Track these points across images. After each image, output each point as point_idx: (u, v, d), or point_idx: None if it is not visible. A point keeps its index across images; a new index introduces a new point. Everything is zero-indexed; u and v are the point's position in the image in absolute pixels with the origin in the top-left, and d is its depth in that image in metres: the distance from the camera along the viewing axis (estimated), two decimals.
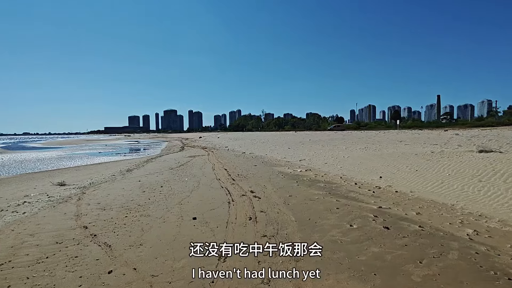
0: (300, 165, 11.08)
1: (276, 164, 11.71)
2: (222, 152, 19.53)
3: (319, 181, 7.84)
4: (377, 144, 14.05)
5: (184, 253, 3.45)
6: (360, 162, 10.05)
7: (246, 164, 12.30)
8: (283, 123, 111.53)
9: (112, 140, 67.69)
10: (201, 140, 40.69)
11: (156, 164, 14.24)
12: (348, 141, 16.73)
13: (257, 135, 38.80)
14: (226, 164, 12.58)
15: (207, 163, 13.44)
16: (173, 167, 12.71)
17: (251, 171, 10.22)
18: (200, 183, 8.34)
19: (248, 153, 17.57)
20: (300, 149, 16.58)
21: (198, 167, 12.11)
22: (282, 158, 13.69)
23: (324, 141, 18.60)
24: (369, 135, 20.02)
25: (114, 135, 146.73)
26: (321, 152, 13.92)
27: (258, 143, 23.99)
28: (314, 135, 27.15)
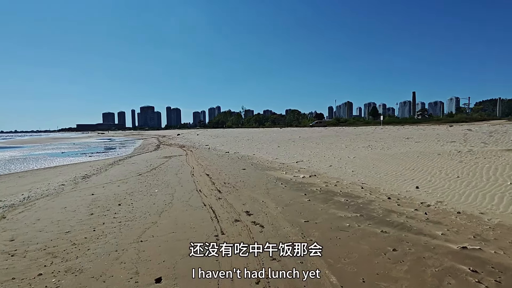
0: (299, 168, 9.13)
1: (270, 168, 9.69)
2: (203, 151, 17.25)
3: (334, 192, 5.90)
4: (381, 142, 12.43)
5: None
6: (373, 165, 8.25)
7: (232, 167, 10.19)
8: (263, 120, 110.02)
9: (83, 138, 62.95)
10: (179, 138, 37.94)
11: (122, 168, 11.82)
12: (344, 138, 15.06)
13: (240, 132, 36.58)
14: (208, 168, 10.41)
15: (185, 166, 11.20)
16: (143, 171, 10.39)
17: (240, 178, 8.14)
18: (174, 198, 6.15)
19: (232, 152, 15.43)
20: (292, 147, 14.68)
21: (174, 172, 9.86)
22: (274, 159, 11.70)
23: (316, 138, 16.85)
24: (365, 131, 18.51)
25: (86, 133, 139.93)
26: (318, 152, 12.08)
27: (242, 140, 21.87)
28: (302, 132, 25.38)
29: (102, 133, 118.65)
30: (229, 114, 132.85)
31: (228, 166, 10.70)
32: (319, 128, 29.59)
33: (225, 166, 10.73)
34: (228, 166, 10.70)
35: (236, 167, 10.34)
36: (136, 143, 36.83)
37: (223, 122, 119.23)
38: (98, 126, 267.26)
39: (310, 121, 78.94)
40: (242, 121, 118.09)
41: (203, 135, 37.15)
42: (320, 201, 5.35)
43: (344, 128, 26.56)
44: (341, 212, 4.60)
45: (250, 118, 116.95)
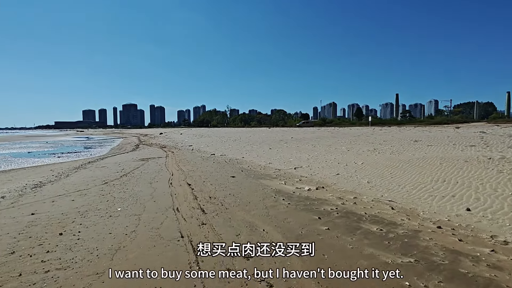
0: (299, 176, 7.65)
1: (264, 175, 8.16)
2: (185, 153, 15.50)
3: (358, 215, 4.44)
4: (387, 145, 11.18)
5: None
6: (390, 174, 6.89)
7: (219, 174, 8.59)
8: (249, 119, 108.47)
9: (59, 136, 59.12)
10: (161, 137, 35.75)
11: (88, 173, 9.98)
12: (343, 140, 13.75)
13: (226, 132, 34.80)
14: (190, 174, 8.76)
15: (163, 172, 9.50)
16: (111, 179, 8.63)
17: (229, 189, 6.56)
18: (140, 222, 4.51)
19: (218, 155, 13.79)
20: (286, 150, 13.22)
21: (148, 180, 8.15)
22: (267, 163, 10.18)
23: (311, 140, 15.47)
24: (363, 132, 17.27)
25: (64, 131, 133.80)
26: (317, 155, 10.66)
27: (229, 141, 20.22)
28: (293, 132, 23.97)
29: (82, 131, 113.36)
30: (214, 113, 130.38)
31: (214, 172, 9.08)
32: (312, 129, 28.36)
33: (210, 172, 9.10)
34: (214, 172, 9.08)
35: (224, 173, 8.74)
36: (114, 142, 34.43)
37: (208, 121, 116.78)
38: (78, 123, 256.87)
39: (296, 121, 78.23)
40: (227, 120, 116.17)
41: (187, 135, 35.16)
42: (343, 230, 3.86)
43: (338, 128, 25.39)
44: (383, 254, 3.12)
45: (236, 118, 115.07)
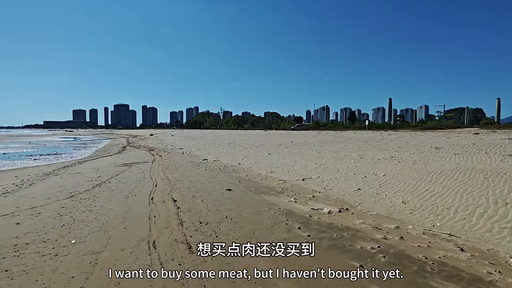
0: (311, 191, 6.26)
1: (267, 188, 6.74)
2: (175, 157, 13.97)
3: (418, 262, 3.06)
4: (405, 152, 9.88)
5: None
6: (427, 191, 5.54)
7: (212, 186, 7.14)
8: (243, 122, 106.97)
9: (45, 136, 56.46)
10: (151, 139, 34.01)
11: (57, 181, 8.46)
12: (350, 146, 12.41)
13: (219, 134, 33.22)
14: (177, 185, 7.29)
15: (145, 181, 8.00)
16: (81, 189, 7.13)
17: (226, 209, 5.12)
18: (95, 268, 3.03)
19: (211, 160, 12.31)
20: (287, 155, 11.83)
21: (125, 192, 6.66)
22: (268, 172, 8.77)
23: (314, 144, 14.12)
24: (371, 137, 15.92)
25: (53, 130, 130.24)
26: (325, 163, 9.30)
27: (223, 144, 18.73)
28: (292, 136, 22.53)
29: (71, 131, 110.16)
30: (207, 114, 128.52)
31: (207, 182, 7.62)
32: (311, 132, 27.07)
33: (202, 182, 7.64)
34: (206, 182, 7.62)
35: (218, 184, 7.29)
36: (101, 143, 32.58)
37: (201, 123, 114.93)
38: (68, 123, 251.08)
39: (290, 124, 77.28)
40: (220, 122, 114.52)
41: (178, 136, 33.49)
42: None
43: (341, 132, 24.09)
44: None
45: (229, 120, 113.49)
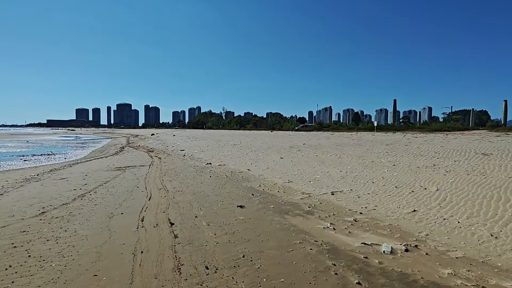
0: (347, 210, 4.83)
1: (290, 205, 5.31)
2: (175, 160, 12.58)
3: None
4: (446, 159, 8.36)
5: None
6: None
7: (219, 200, 5.72)
8: (245, 122, 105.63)
9: (45, 135, 55.35)
10: (152, 139, 32.67)
11: (35, 189, 7.19)
12: (374, 150, 10.90)
13: (223, 134, 31.77)
14: (176, 198, 5.88)
15: (138, 191, 6.61)
16: (58, 202, 5.83)
17: (241, 241, 3.71)
18: None
19: (216, 164, 10.91)
20: (303, 160, 10.39)
21: (111, 208, 5.29)
22: (285, 181, 7.34)
23: (330, 147, 12.65)
24: (395, 140, 14.31)
25: (56, 129, 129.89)
26: (351, 170, 7.85)
27: (228, 146, 17.31)
28: (302, 137, 20.96)
29: (73, 129, 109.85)
30: (209, 114, 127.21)
31: (212, 195, 6.20)
32: (322, 133, 25.58)
33: (206, 195, 6.22)
34: (211, 195, 6.20)
35: (226, 198, 5.87)
36: (100, 143, 31.35)
37: (203, 123, 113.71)
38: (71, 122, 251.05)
39: (292, 125, 76.05)
40: (223, 122, 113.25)
41: (180, 137, 32.11)
42: None
43: (356, 134, 22.53)
44: None
45: (231, 120, 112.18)
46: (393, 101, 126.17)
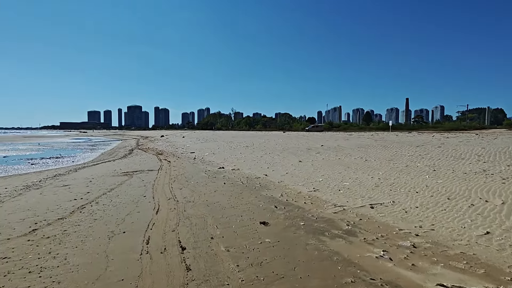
0: (396, 229, 3.92)
1: (322, 221, 4.43)
2: (185, 163, 11.83)
3: None
4: (497, 164, 7.24)
5: None
6: None
7: (238, 216, 4.87)
8: (254, 122, 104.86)
9: (57, 137, 55.84)
10: (162, 140, 32.20)
11: (32, 199, 6.57)
12: (405, 152, 9.86)
13: (233, 135, 30.99)
14: (187, 210, 5.06)
15: (145, 202, 5.83)
16: (52, 218, 5.08)
17: (273, 278, 2.82)
18: None
19: (229, 168, 10.09)
20: (324, 164, 9.46)
21: (112, 225, 4.52)
22: (310, 190, 6.44)
23: (352, 149, 11.66)
24: (424, 140, 13.04)
25: (68, 131, 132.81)
26: (384, 176, 6.90)
27: (240, 147, 16.48)
28: (318, 138, 19.89)
29: (84, 131, 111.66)
30: (218, 115, 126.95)
31: (229, 207, 5.36)
32: (341, 134, 24.51)
33: (222, 207, 5.38)
34: (228, 207, 5.36)
35: (246, 211, 5.03)
36: (110, 145, 31.11)
37: (213, 124, 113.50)
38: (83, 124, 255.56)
39: (302, 125, 75.20)
40: (232, 123, 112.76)
41: (190, 138, 31.52)
42: None
43: (378, 134, 21.34)
44: None
45: (240, 121, 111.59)
46: (405, 100, 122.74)
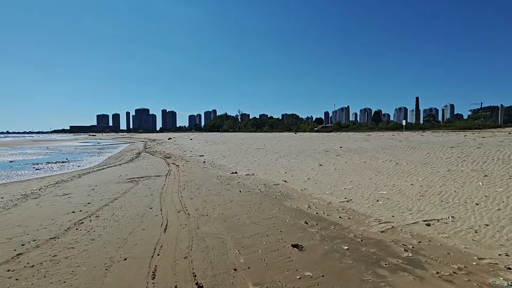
0: (477, 259, 3.02)
1: (371, 244, 3.54)
2: (194, 167, 11.04)
3: None
4: None
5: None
6: None
7: (262, 235, 4.00)
8: (261, 124, 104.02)
9: (66, 141, 56.00)
10: (169, 143, 31.61)
11: (26, 212, 5.82)
12: (440, 154, 8.80)
13: (242, 137, 30.17)
14: (200, 228, 4.20)
15: (151, 215, 5.02)
16: (43, 237, 4.30)
17: None
18: None
19: (243, 173, 9.24)
20: (348, 168, 8.54)
21: (111, 249, 3.70)
22: (342, 200, 5.55)
23: (376, 151, 10.68)
24: (458, 141, 11.88)
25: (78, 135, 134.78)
26: (425, 183, 5.96)
27: (251, 150, 15.63)
28: (335, 140, 18.81)
29: (94, 135, 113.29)
30: (225, 117, 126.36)
31: (250, 223, 4.50)
32: (359, 135, 23.47)
33: (241, 223, 4.53)
34: (248, 223, 4.50)
35: (272, 229, 4.16)
36: (118, 148, 30.77)
37: (219, 126, 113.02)
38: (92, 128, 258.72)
39: (309, 126, 74.48)
40: (239, 125, 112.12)
41: (198, 140, 30.84)
42: None
43: (400, 134, 20.23)
44: None
45: (247, 122, 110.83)
46: (415, 98, 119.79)
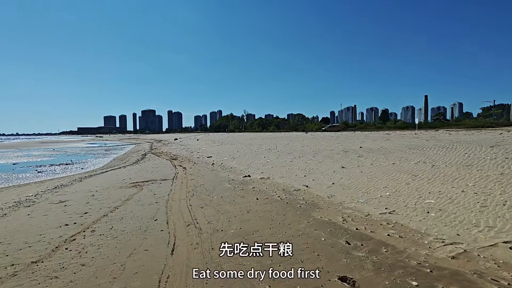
0: None
1: (445, 277, 2.65)
2: (203, 170, 10.22)
3: None
4: None
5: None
6: None
7: (298, 261, 3.12)
8: (267, 124, 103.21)
9: (73, 142, 55.98)
10: (176, 144, 30.94)
11: (13, 224, 4.97)
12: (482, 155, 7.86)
13: (251, 137, 29.27)
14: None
15: (155, 230, 4.16)
16: (23, 261, 3.42)
17: None
18: None
19: (257, 177, 8.37)
20: (375, 170, 7.62)
21: (105, 279, 2.81)
22: (382, 211, 4.65)
23: (403, 152, 9.68)
24: (494, 140, 10.98)
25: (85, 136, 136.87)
26: (480, 191, 5.04)
27: (262, 150, 14.76)
28: (350, 139, 17.76)
29: (101, 136, 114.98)
30: (231, 118, 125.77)
31: (274, 240, 3.62)
32: (379, 134, 22.40)
33: (266, 241, 3.65)
34: (273, 240, 3.62)
35: (306, 252, 3.29)
36: (123, 149, 30.37)
37: (225, 126, 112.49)
38: (99, 129, 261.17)
39: (316, 125, 73.96)
40: (244, 125, 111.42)
41: (204, 141, 30.07)
42: None
43: (421, 132, 19.14)
44: None
45: (253, 122, 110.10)
46: (424, 97, 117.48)
